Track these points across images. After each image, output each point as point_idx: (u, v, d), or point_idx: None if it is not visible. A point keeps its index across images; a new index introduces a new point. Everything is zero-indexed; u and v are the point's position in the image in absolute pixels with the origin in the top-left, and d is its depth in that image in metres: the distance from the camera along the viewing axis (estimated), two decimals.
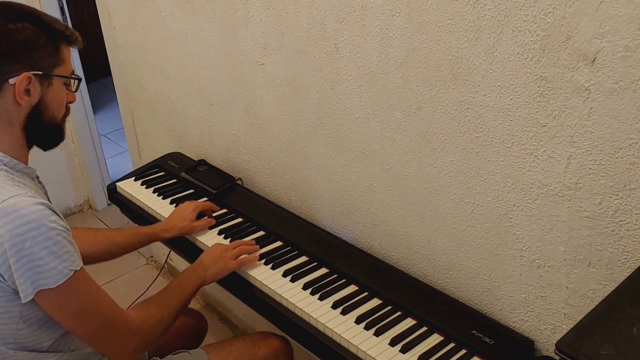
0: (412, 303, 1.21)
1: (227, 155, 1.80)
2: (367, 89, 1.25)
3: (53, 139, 1.13)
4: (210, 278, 1.30)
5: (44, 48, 1.03)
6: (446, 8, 1.03)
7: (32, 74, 1.01)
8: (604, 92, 0.88)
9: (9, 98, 1.01)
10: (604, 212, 0.95)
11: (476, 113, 1.06)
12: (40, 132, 1.08)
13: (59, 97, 1.08)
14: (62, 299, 0.99)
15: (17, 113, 1.03)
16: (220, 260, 1.31)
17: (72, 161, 2.95)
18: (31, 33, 1.01)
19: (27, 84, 1.01)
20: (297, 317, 1.22)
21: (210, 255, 1.33)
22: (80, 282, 1.00)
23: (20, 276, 0.95)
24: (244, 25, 1.49)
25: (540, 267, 1.07)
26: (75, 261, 0.99)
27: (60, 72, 1.06)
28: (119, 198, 1.74)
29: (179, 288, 1.25)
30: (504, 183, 1.07)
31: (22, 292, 0.96)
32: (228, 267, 1.31)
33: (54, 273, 0.95)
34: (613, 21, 0.83)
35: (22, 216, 0.93)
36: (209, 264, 1.31)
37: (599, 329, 0.73)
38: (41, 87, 1.03)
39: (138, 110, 2.20)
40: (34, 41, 1.01)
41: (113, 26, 2.09)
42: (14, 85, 1.00)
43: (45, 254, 0.94)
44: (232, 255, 1.33)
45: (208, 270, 1.30)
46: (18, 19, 1.00)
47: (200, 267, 1.30)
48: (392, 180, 1.29)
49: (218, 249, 1.34)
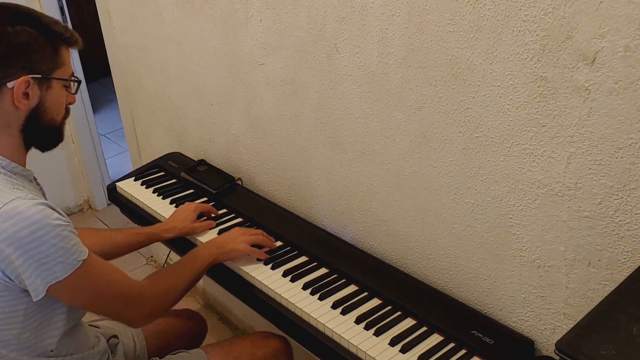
0: (412, 303, 1.21)
1: (227, 155, 1.80)
2: (367, 89, 1.25)
3: (52, 141, 1.12)
4: (222, 257, 1.33)
5: (43, 51, 1.01)
6: (446, 8, 1.04)
7: (31, 78, 1.00)
8: (603, 92, 0.88)
9: (7, 101, 1.00)
10: (603, 212, 0.95)
11: (476, 113, 1.07)
12: (38, 135, 1.07)
13: (58, 99, 1.07)
14: (75, 287, 1.01)
15: (16, 116, 1.02)
16: (234, 241, 1.34)
17: (72, 161, 2.95)
18: (30, 36, 0.99)
19: (26, 88, 1.00)
20: (297, 317, 1.22)
21: (227, 235, 1.38)
22: (90, 267, 1.02)
23: (29, 276, 0.95)
24: (244, 25, 1.49)
25: (540, 267, 1.07)
26: (83, 251, 1.01)
27: (59, 75, 1.05)
28: (118, 198, 1.74)
29: (191, 262, 1.29)
30: (504, 183, 1.07)
31: (33, 290, 0.97)
32: (237, 249, 1.34)
33: (63, 266, 0.97)
34: (613, 21, 0.83)
35: (25, 218, 0.93)
36: (222, 243, 1.34)
37: (599, 329, 0.73)
38: (40, 90, 1.02)
39: (138, 110, 2.20)
40: (32, 44, 0.99)
41: (113, 26, 2.09)
42: (12, 88, 0.99)
43: (54, 251, 0.95)
44: (246, 239, 1.36)
45: (220, 248, 1.33)
46: (17, 21, 0.99)
47: (214, 244, 1.34)
48: (392, 180, 1.29)
49: (237, 232, 1.38)
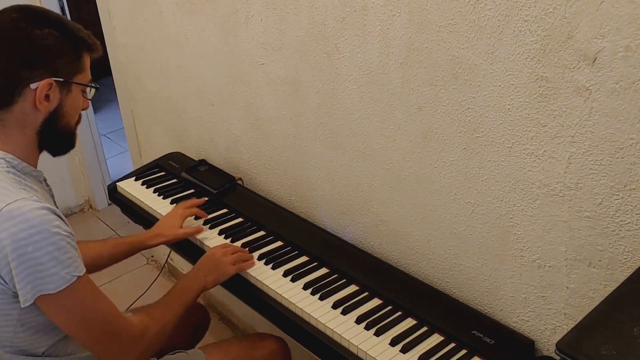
0: (413, 303, 1.21)
1: (227, 155, 1.80)
2: (367, 89, 1.25)
3: (65, 145, 1.13)
4: (211, 284, 1.30)
5: (67, 55, 1.03)
6: (447, 8, 1.03)
7: (54, 80, 1.02)
8: (604, 92, 0.88)
9: (28, 102, 1.01)
10: (604, 212, 0.94)
11: (477, 113, 1.06)
12: (53, 138, 1.09)
13: (76, 104, 1.09)
14: (64, 304, 0.98)
15: (34, 117, 1.04)
16: (220, 266, 1.30)
17: (73, 161, 2.95)
18: (56, 39, 1.01)
19: (48, 90, 1.02)
20: (298, 317, 1.22)
21: (209, 260, 1.32)
22: (83, 288, 0.99)
23: (20, 280, 0.94)
24: (245, 25, 1.49)
25: (540, 267, 1.07)
26: (79, 267, 0.98)
27: (80, 80, 1.07)
28: (119, 198, 1.74)
29: (181, 294, 1.24)
30: (505, 183, 1.07)
31: (22, 296, 0.95)
32: (227, 273, 1.31)
33: (55, 279, 0.94)
34: (614, 21, 0.83)
35: (25, 220, 0.93)
36: (208, 270, 1.30)
37: (600, 329, 0.73)
38: (60, 93, 1.04)
39: (138, 110, 2.20)
40: (58, 48, 1.02)
41: (113, 26, 2.09)
42: (35, 90, 1.00)
43: (47, 259, 0.93)
44: (230, 260, 1.32)
45: (208, 276, 1.29)
46: (44, 24, 1.01)
47: (200, 272, 1.30)
48: (392, 180, 1.29)
49: (217, 254, 1.33)
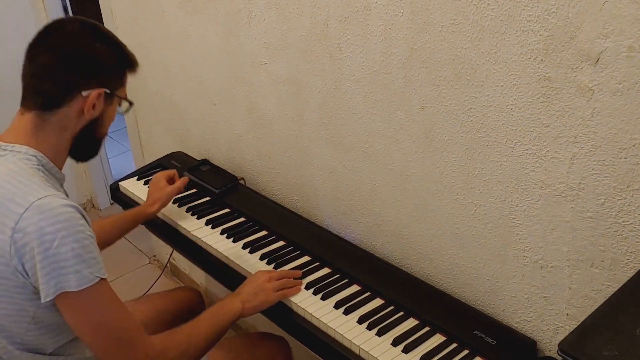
0: (415, 303, 1.21)
1: (229, 155, 1.80)
2: (370, 88, 1.25)
3: (93, 153, 1.18)
4: (249, 311, 1.21)
5: (116, 70, 1.11)
6: (449, 8, 1.03)
7: (104, 91, 1.08)
8: (607, 93, 0.88)
9: (75, 108, 1.06)
10: (607, 212, 0.94)
11: (479, 113, 1.06)
12: (87, 144, 1.14)
13: (112, 115, 1.15)
14: (82, 305, 0.98)
15: (76, 123, 1.08)
16: (262, 293, 1.22)
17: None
18: (110, 54, 1.09)
19: (96, 99, 1.07)
20: (299, 316, 1.22)
21: (251, 285, 1.24)
22: (104, 292, 0.99)
23: (44, 275, 0.94)
24: (247, 25, 1.49)
25: (543, 267, 1.07)
26: (102, 269, 0.98)
27: (120, 94, 1.13)
28: (121, 197, 1.74)
29: (213, 319, 1.16)
30: (507, 183, 1.07)
31: (44, 291, 0.95)
32: (269, 301, 1.23)
33: (78, 277, 0.95)
34: (617, 21, 0.83)
35: (54, 215, 0.94)
36: (248, 296, 1.22)
37: (602, 330, 0.72)
38: (104, 104, 1.10)
39: (141, 109, 2.20)
40: (111, 62, 1.09)
41: (116, 26, 2.09)
42: (86, 97, 1.05)
43: (72, 256, 0.94)
44: (274, 286, 1.24)
45: (247, 302, 1.21)
46: (102, 39, 1.09)
47: (239, 298, 1.22)
48: (394, 180, 1.29)
49: (261, 278, 1.25)
